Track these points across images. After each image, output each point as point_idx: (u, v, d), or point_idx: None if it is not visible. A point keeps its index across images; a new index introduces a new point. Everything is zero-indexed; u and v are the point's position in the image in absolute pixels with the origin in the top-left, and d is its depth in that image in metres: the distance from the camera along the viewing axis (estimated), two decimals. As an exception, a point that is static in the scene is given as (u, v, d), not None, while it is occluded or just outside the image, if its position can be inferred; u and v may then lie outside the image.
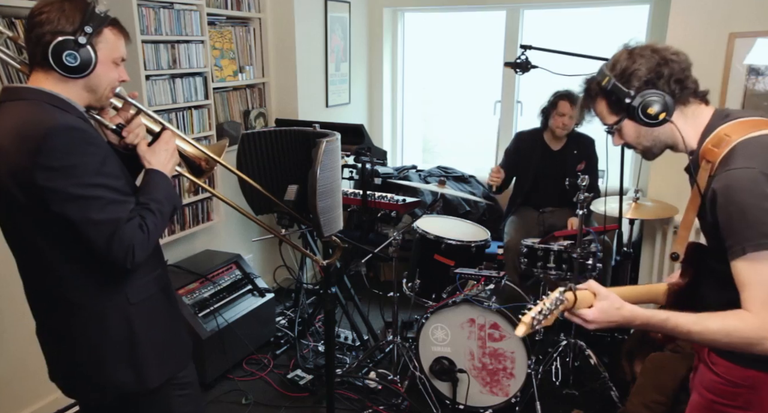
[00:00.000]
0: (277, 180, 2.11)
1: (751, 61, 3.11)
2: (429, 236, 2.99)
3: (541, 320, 1.22)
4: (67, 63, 1.36)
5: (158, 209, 1.46)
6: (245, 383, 3.07)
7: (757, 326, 1.21)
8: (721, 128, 1.36)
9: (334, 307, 2.81)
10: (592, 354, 2.93)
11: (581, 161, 3.52)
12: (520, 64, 2.90)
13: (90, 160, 1.35)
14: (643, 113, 1.37)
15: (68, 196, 1.32)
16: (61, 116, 1.36)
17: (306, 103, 4.03)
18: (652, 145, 1.47)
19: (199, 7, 3.16)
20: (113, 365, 1.50)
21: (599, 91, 1.45)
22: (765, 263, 1.21)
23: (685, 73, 1.39)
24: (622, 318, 1.31)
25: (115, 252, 1.36)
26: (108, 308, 1.48)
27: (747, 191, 1.23)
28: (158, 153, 1.55)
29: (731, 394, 1.39)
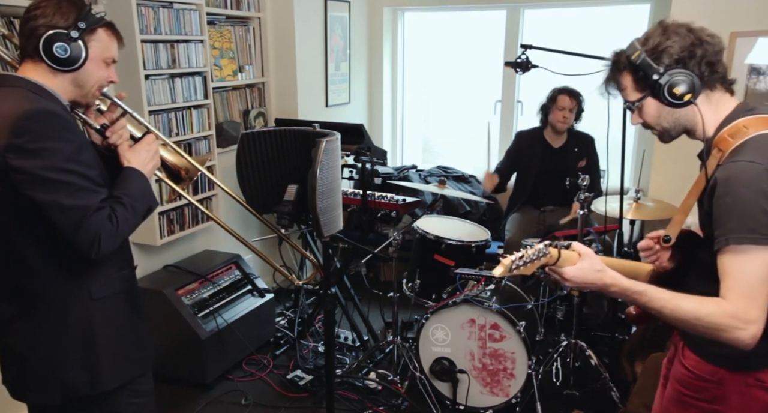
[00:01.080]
0: (276, 180, 2.10)
1: (752, 60, 3.10)
2: (429, 236, 2.98)
3: (520, 265, 1.26)
4: (57, 55, 1.39)
5: (131, 203, 1.46)
6: (245, 383, 3.06)
7: (730, 314, 1.23)
8: (741, 120, 1.34)
9: (334, 307, 2.79)
10: (592, 354, 2.92)
11: (582, 158, 3.52)
12: (521, 63, 2.89)
13: (64, 146, 1.36)
14: (669, 92, 1.34)
15: (38, 179, 1.33)
16: (42, 102, 1.38)
17: (306, 102, 4.02)
18: (671, 127, 1.43)
19: (199, 7, 3.15)
20: (67, 363, 1.48)
21: (628, 65, 1.40)
22: (746, 256, 1.23)
23: (718, 57, 1.36)
24: (600, 281, 1.33)
25: (80, 239, 1.36)
26: (69, 301, 1.47)
27: (746, 185, 1.23)
28: (138, 153, 1.56)
29: (699, 388, 1.43)
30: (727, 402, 1.40)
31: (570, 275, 1.34)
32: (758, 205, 1.22)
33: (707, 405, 1.43)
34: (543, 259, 1.30)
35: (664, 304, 1.29)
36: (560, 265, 1.34)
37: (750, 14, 3.08)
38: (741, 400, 1.39)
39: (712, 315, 1.24)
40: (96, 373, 1.51)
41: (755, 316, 1.23)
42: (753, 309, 1.23)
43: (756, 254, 1.22)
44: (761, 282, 1.23)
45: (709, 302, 1.26)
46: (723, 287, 1.26)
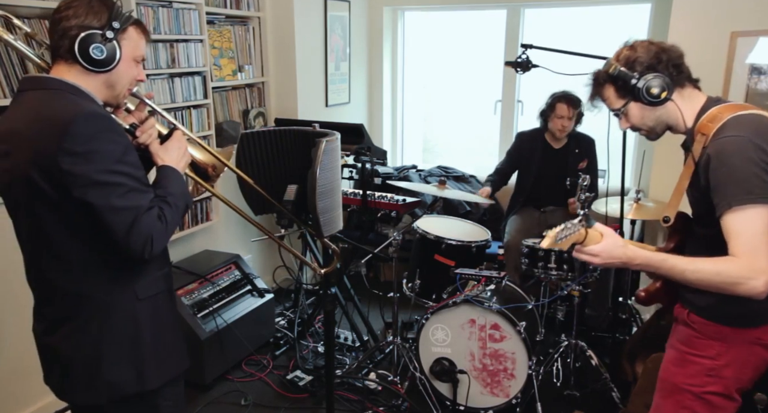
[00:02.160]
0: (276, 180, 2.09)
1: (753, 60, 3.10)
2: (429, 236, 2.97)
3: (563, 237, 1.41)
4: (93, 56, 1.38)
5: (174, 202, 1.46)
6: (244, 384, 3.05)
7: (743, 267, 1.41)
8: (714, 108, 1.56)
9: (334, 308, 2.79)
10: (593, 354, 2.91)
11: (583, 159, 3.51)
12: (521, 63, 2.88)
13: (113, 147, 1.35)
14: (647, 93, 1.56)
15: (90, 181, 1.32)
16: (88, 104, 1.37)
17: (305, 102, 4.01)
18: (655, 125, 1.65)
19: (198, 6, 3.14)
20: (113, 363, 1.48)
21: (607, 78, 1.64)
22: (748, 215, 1.41)
23: (680, 60, 1.60)
24: (625, 256, 1.50)
25: (133, 241, 1.36)
26: (116, 302, 1.47)
27: (736, 155, 1.43)
28: (171, 151, 1.56)
29: (704, 346, 1.60)
30: (728, 358, 1.57)
31: (597, 251, 1.49)
32: (749, 170, 1.41)
33: (709, 361, 1.59)
34: (575, 236, 1.45)
35: (686, 267, 1.46)
36: (586, 244, 1.49)
37: (750, 14, 3.07)
38: (741, 355, 1.56)
39: (729, 269, 1.42)
40: (141, 372, 1.51)
41: (764, 266, 1.40)
42: (761, 260, 1.40)
43: (755, 212, 1.41)
44: (763, 235, 1.41)
45: (723, 261, 1.44)
46: (731, 246, 1.43)
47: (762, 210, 1.40)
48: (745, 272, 1.40)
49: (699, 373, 1.60)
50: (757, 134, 1.44)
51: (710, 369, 1.58)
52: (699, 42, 3.18)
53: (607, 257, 1.50)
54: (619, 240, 1.51)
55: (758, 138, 1.43)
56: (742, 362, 1.57)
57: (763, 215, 1.41)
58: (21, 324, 1.61)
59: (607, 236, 1.51)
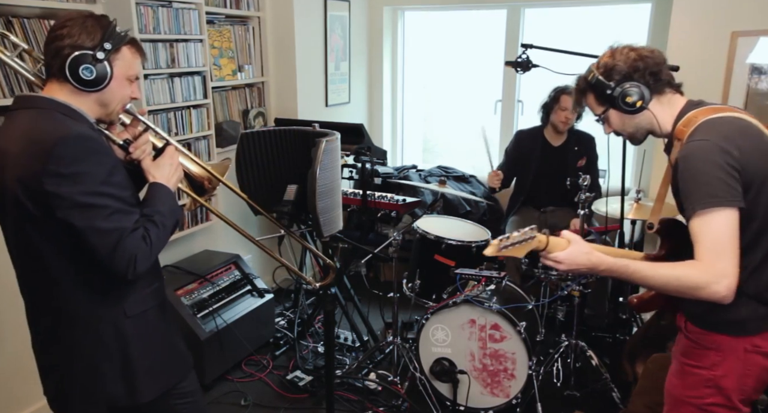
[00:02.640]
0: (276, 180, 2.09)
1: (753, 60, 3.09)
2: (429, 236, 2.97)
3: (508, 245, 1.44)
4: (82, 76, 1.39)
5: (161, 221, 1.47)
6: (244, 384, 3.05)
7: (704, 271, 1.39)
8: (692, 112, 1.56)
9: (334, 308, 2.78)
10: (593, 354, 2.91)
11: (582, 157, 3.50)
12: (521, 63, 2.88)
13: (99, 169, 1.36)
14: (623, 101, 1.59)
15: (74, 203, 1.33)
16: (73, 125, 1.38)
17: (305, 102, 4.01)
18: (635, 131, 1.67)
19: (198, 6, 3.14)
20: (105, 376, 1.50)
21: (586, 86, 1.67)
22: (710, 218, 1.40)
23: (659, 67, 1.60)
24: (589, 262, 1.50)
25: (117, 262, 1.37)
26: (104, 320, 1.48)
27: (701, 159, 1.43)
28: (162, 167, 1.56)
29: (700, 356, 1.58)
30: (725, 368, 1.53)
31: (561, 258, 1.50)
32: (713, 173, 1.41)
33: (707, 372, 1.56)
34: (532, 243, 1.47)
35: (646, 272, 1.46)
36: (550, 250, 1.51)
37: (751, 14, 3.07)
38: (739, 365, 1.53)
39: (689, 274, 1.41)
40: (133, 386, 1.53)
41: (726, 270, 1.38)
42: (723, 264, 1.38)
43: (719, 215, 1.40)
44: (728, 239, 1.40)
45: (684, 265, 1.44)
46: (695, 250, 1.42)
47: (725, 213, 1.39)
48: (705, 277, 1.39)
49: (698, 384, 1.58)
50: (725, 137, 1.44)
51: (708, 380, 1.55)
52: (699, 42, 3.18)
53: (572, 264, 1.50)
54: (584, 247, 1.51)
55: (725, 142, 1.43)
56: (741, 372, 1.53)
57: (727, 219, 1.39)
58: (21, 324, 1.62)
59: (573, 243, 1.51)
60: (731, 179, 1.40)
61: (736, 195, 1.40)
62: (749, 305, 1.48)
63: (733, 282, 1.38)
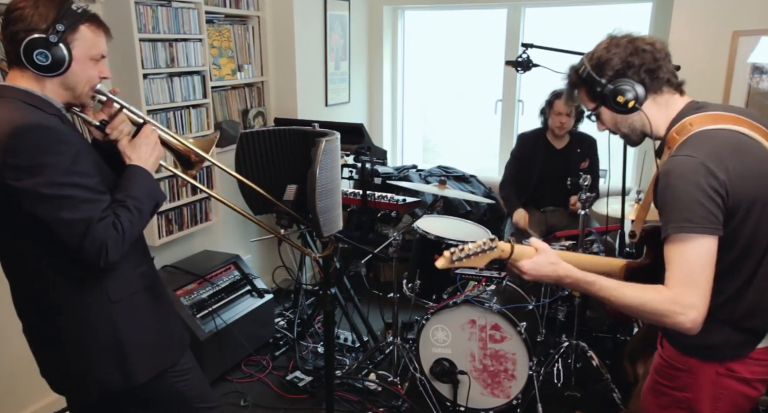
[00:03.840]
0: (276, 180, 2.08)
1: (754, 59, 3.09)
2: (429, 236, 2.96)
3: (462, 257, 1.38)
4: (38, 62, 1.34)
5: (135, 206, 1.43)
6: (244, 385, 3.04)
7: (670, 299, 1.30)
8: (688, 118, 1.42)
9: (334, 308, 2.78)
10: (594, 355, 2.90)
11: (585, 159, 3.49)
12: (522, 62, 2.87)
13: (60, 159, 1.32)
14: (614, 100, 1.46)
15: (37, 195, 1.30)
16: (32, 114, 1.33)
17: (305, 102, 4.00)
18: (629, 131, 1.54)
19: (198, 5, 3.13)
20: (98, 363, 1.49)
21: (577, 80, 1.55)
22: (683, 244, 1.31)
23: (658, 63, 1.45)
24: (555, 274, 1.43)
25: (87, 251, 1.34)
26: (89, 308, 1.47)
27: (682, 178, 1.31)
28: (138, 147, 1.51)
29: (671, 376, 1.51)
30: (697, 390, 1.47)
31: (526, 268, 1.44)
32: (693, 196, 1.29)
33: (679, 394, 1.50)
34: (493, 252, 1.42)
35: (611, 292, 1.38)
36: (515, 259, 1.45)
37: (752, 13, 3.06)
38: (712, 389, 1.45)
39: (654, 300, 1.32)
40: (127, 370, 1.52)
41: (694, 301, 1.29)
42: (691, 295, 1.29)
43: (694, 243, 1.30)
44: (700, 268, 1.30)
45: (651, 290, 1.33)
46: (666, 275, 1.33)
47: (701, 241, 1.29)
48: (670, 306, 1.29)
49: (671, 405, 1.53)
50: (713, 156, 1.31)
51: (680, 401, 1.50)
52: (700, 41, 3.17)
53: (536, 274, 1.44)
54: (551, 257, 1.44)
55: (713, 161, 1.30)
56: (713, 395, 1.45)
57: (702, 246, 1.29)
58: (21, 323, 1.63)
59: (540, 252, 1.45)
60: (712, 204, 1.29)
61: (715, 222, 1.29)
62: (723, 331, 1.40)
63: (700, 315, 1.29)
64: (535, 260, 1.44)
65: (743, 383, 1.45)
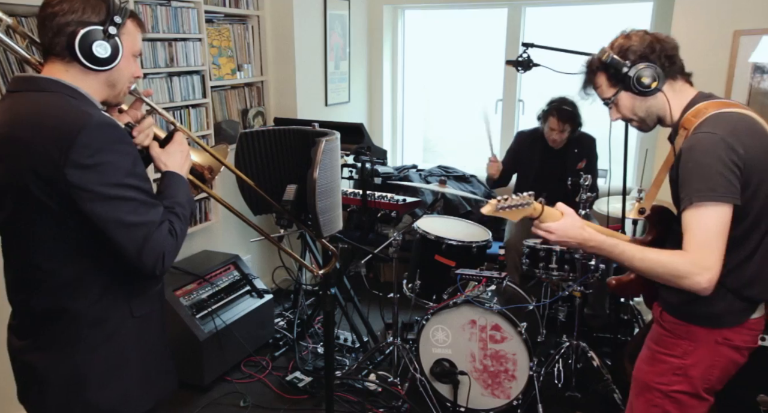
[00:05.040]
0: (276, 180, 2.08)
1: (756, 59, 3.08)
2: (429, 236, 2.95)
3: (504, 207, 1.51)
4: (96, 54, 1.29)
5: (183, 213, 1.38)
6: (243, 385, 3.03)
7: (690, 261, 1.42)
8: (702, 103, 1.55)
9: (334, 308, 2.77)
10: (594, 355, 2.89)
11: (582, 159, 3.48)
12: (522, 62, 2.86)
13: (123, 159, 1.27)
14: (638, 82, 1.56)
15: (99, 196, 1.23)
16: (94, 112, 1.28)
17: (305, 101, 3.99)
18: (646, 116, 1.64)
19: (197, 5, 3.12)
20: (98, 384, 1.38)
21: (599, 66, 1.64)
22: (705, 211, 1.42)
23: (674, 51, 1.59)
24: (580, 236, 1.54)
25: (145, 258, 1.28)
26: (109, 319, 1.37)
27: (705, 152, 1.43)
28: (173, 154, 1.47)
29: (672, 344, 1.61)
30: (696, 357, 1.57)
31: (553, 228, 1.55)
32: (715, 168, 1.41)
33: (677, 360, 1.59)
34: (527, 209, 1.52)
35: (634, 254, 1.49)
36: (543, 220, 1.56)
37: (753, 13, 3.05)
38: (708, 355, 1.56)
39: (674, 261, 1.44)
40: (128, 395, 1.42)
41: (710, 263, 1.41)
42: (709, 257, 1.41)
43: (713, 210, 1.41)
44: (717, 234, 1.42)
45: (672, 253, 1.47)
46: (684, 240, 1.44)
47: (720, 209, 1.41)
48: (690, 267, 1.41)
49: (667, 372, 1.61)
50: (732, 133, 1.44)
51: (677, 368, 1.59)
52: (701, 41, 3.16)
53: (563, 235, 1.54)
54: (577, 221, 1.55)
55: (732, 137, 1.43)
56: (709, 362, 1.57)
57: (720, 214, 1.42)
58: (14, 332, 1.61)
59: (567, 216, 1.56)
60: (732, 175, 1.41)
61: (734, 192, 1.42)
62: (727, 298, 1.51)
63: (715, 276, 1.41)
64: (563, 222, 1.55)
65: (735, 350, 1.57)
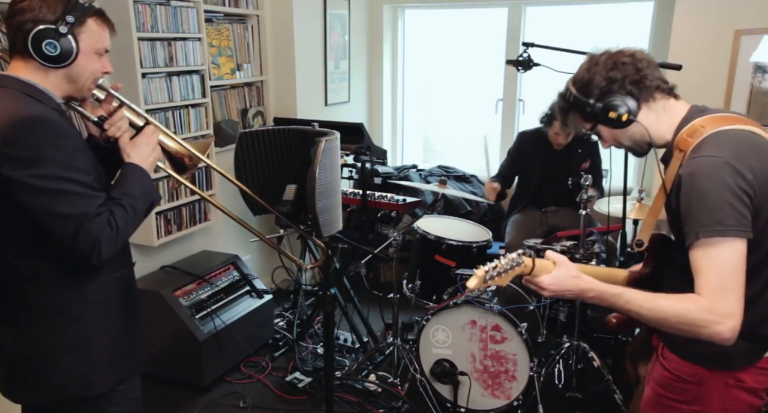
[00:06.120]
0: (275, 180, 2.07)
1: (757, 58, 3.07)
2: (430, 236, 2.95)
3: (494, 275, 1.29)
4: (46, 52, 1.34)
5: (130, 204, 1.42)
6: (243, 386, 3.02)
7: (706, 309, 1.24)
8: (697, 120, 1.40)
9: (334, 309, 2.76)
10: (595, 356, 2.89)
11: (585, 159, 3.47)
12: (522, 61, 2.85)
13: (58, 153, 1.32)
14: (606, 117, 1.44)
15: (33, 188, 1.30)
16: (34, 107, 1.33)
17: (305, 101, 3.98)
18: (632, 144, 1.52)
19: (196, 4, 3.11)
20: (58, 366, 1.46)
21: (566, 105, 1.53)
22: (717, 249, 1.25)
23: (641, 73, 1.43)
24: (577, 288, 1.36)
25: (80, 247, 1.34)
26: (64, 305, 1.44)
27: (709, 178, 1.27)
28: (138, 147, 1.52)
29: (679, 389, 1.46)
30: (707, 402, 1.42)
31: (547, 283, 1.35)
32: (723, 197, 1.25)
33: (686, 407, 1.45)
34: (518, 269, 1.32)
35: (642, 304, 1.31)
36: (535, 274, 1.36)
37: (755, 12, 3.05)
38: (721, 401, 1.41)
39: (689, 310, 1.26)
40: (87, 377, 1.48)
41: (731, 308, 1.24)
42: (728, 302, 1.24)
43: (725, 247, 1.25)
44: (734, 274, 1.25)
45: (685, 299, 1.28)
46: (697, 283, 1.27)
47: (733, 244, 1.25)
48: (707, 315, 1.24)
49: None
50: (736, 155, 1.28)
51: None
52: (702, 40, 3.16)
53: (558, 289, 1.35)
54: (571, 270, 1.37)
55: (737, 160, 1.27)
56: (723, 408, 1.42)
57: (734, 250, 1.25)
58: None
59: (559, 265, 1.37)
60: (742, 205, 1.25)
61: (746, 224, 1.26)
62: (737, 340, 1.31)
63: (737, 323, 1.24)
64: (556, 274, 1.36)
65: (750, 393, 1.42)
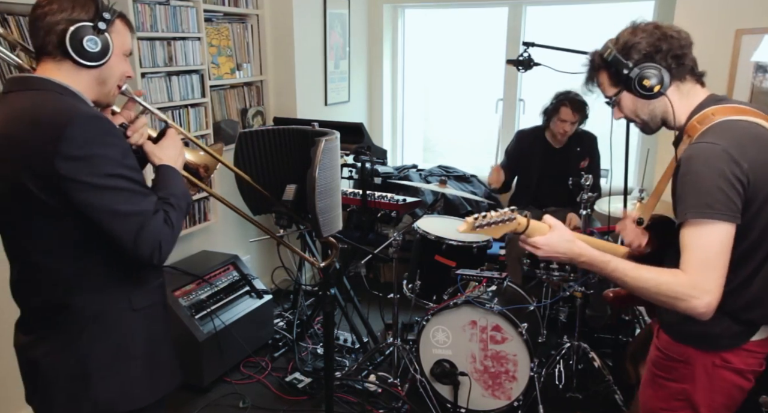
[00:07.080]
0: (275, 180, 2.06)
1: (758, 58, 3.06)
2: (430, 236, 2.94)
3: (483, 224, 1.34)
4: (87, 49, 1.33)
5: (177, 203, 1.41)
6: (243, 386, 3.02)
7: (687, 284, 1.31)
8: (710, 108, 1.43)
9: (333, 309, 2.76)
10: (595, 356, 2.88)
11: (584, 158, 3.46)
12: (523, 61, 2.85)
13: (113, 150, 1.29)
14: (639, 84, 1.44)
15: (92, 186, 1.26)
16: (82, 105, 1.32)
17: (305, 101, 3.98)
18: (649, 118, 1.53)
19: (196, 4, 3.11)
20: (100, 379, 1.40)
21: (601, 63, 1.52)
22: (703, 230, 1.31)
23: (684, 51, 1.45)
24: (570, 251, 1.42)
25: (142, 248, 1.30)
26: (109, 312, 1.39)
27: (705, 164, 1.32)
28: (166, 149, 1.51)
29: (669, 368, 1.52)
30: (694, 381, 1.48)
31: (540, 243, 1.42)
32: (715, 182, 1.30)
33: (676, 385, 1.51)
34: (510, 224, 1.38)
35: (627, 272, 1.38)
36: (529, 234, 1.43)
37: (755, 11, 3.04)
38: (708, 380, 1.47)
39: (670, 283, 1.33)
40: (131, 389, 1.44)
41: (710, 286, 1.31)
42: (708, 280, 1.31)
43: (712, 228, 1.31)
44: (717, 255, 1.31)
45: (667, 273, 1.35)
46: (682, 259, 1.34)
47: (720, 227, 1.30)
48: (687, 289, 1.31)
49: (669, 397, 1.53)
50: (736, 144, 1.32)
51: (679, 393, 1.51)
52: (703, 40, 3.13)
53: (551, 251, 1.42)
54: (566, 234, 1.43)
55: (736, 149, 1.31)
56: (710, 387, 1.47)
57: (720, 233, 1.31)
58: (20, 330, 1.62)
59: (555, 229, 1.43)
60: (733, 191, 1.30)
61: (735, 210, 1.31)
62: (723, 321, 1.41)
63: (714, 300, 1.31)
64: (549, 236, 1.42)
65: (738, 374, 1.47)
